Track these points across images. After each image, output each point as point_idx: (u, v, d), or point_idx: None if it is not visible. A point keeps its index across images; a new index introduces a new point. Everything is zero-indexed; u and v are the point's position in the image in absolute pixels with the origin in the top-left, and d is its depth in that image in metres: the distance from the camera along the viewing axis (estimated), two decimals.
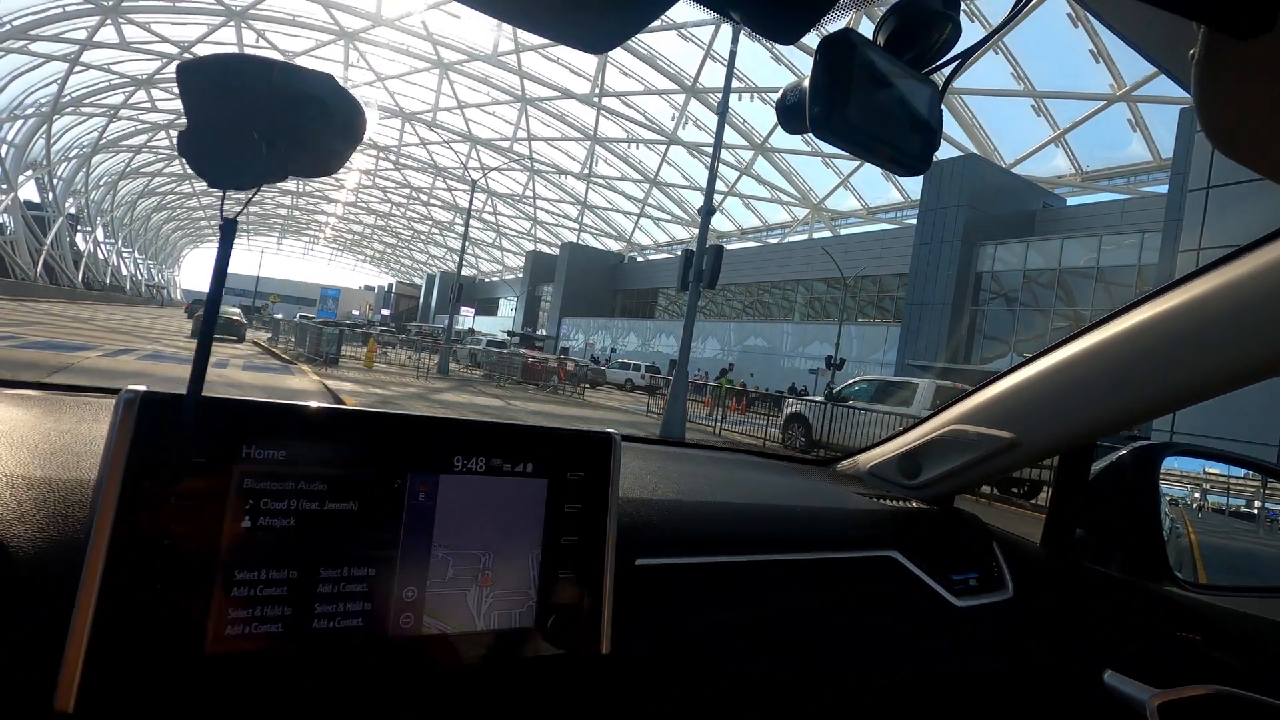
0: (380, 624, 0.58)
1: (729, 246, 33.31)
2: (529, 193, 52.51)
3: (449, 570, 0.61)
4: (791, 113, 0.56)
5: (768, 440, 14.26)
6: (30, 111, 39.03)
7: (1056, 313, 23.45)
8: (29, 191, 44.64)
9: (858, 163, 33.95)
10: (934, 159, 0.56)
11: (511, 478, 0.66)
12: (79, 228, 57.69)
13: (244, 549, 0.53)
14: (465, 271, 27.16)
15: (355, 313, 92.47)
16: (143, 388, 0.52)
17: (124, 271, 78.35)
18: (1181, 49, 0.46)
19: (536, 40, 33.08)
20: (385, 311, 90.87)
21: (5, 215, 41.21)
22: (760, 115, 34.86)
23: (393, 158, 51.90)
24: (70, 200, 52.06)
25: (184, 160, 0.52)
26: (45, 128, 40.80)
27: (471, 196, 25.85)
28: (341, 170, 0.55)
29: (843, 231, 38.15)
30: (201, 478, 0.52)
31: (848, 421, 12.15)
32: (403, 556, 0.59)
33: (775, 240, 42.70)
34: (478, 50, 34.87)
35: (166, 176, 60.87)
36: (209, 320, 0.55)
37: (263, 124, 0.51)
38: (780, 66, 30.35)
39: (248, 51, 0.66)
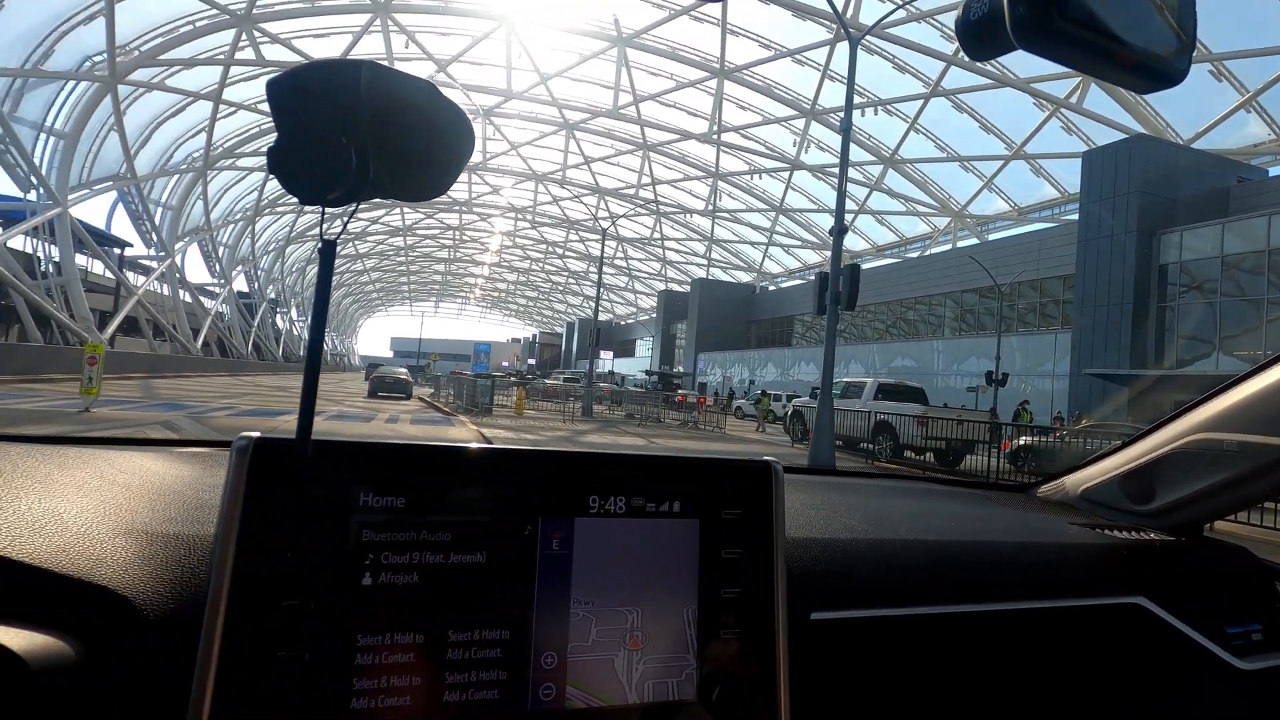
0: (518, 697, 0.51)
1: (865, 265, 31.94)
2: (657, 235, 53.84)
3: (592, 631, 0.54)
4: (979, 29, 0.42)
5: (927, 466, 13.26)
6: (238, 216, 46.21)
7: (1272, 300, 20.01)
8: (239, 282, 52.68)
9: (1001, 162, 31.57)
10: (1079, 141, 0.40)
11: (656, 519, 0.57)
12: (277, 309, 66.84)
13: (365, 610, 0.49)
14: (601, 316, 28.18)
15: (505, 364, 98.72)
16: (256, 433, 0.50)
17: None
18: None
19: (654, 88, 34.33)
20: (531, 361, 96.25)
21: (224, 305, 48.67)
22: (886, 127, 33.62)
23: (529, 217, 55.51)
24: (270, 286, 60.61)
25: (275, 175, 0.49)
26: (250, 228, 48.10)
27: (603, 245, 26.95)
28: (485, 233, 0.52)
29: (991, 237, 35.36)
30: (318, 529, 0.49)
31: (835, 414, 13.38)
32: (539, 616, 0.53)
33: (915, 254, 40.42)
34: (599, 107, 36.69)
35: (341, 258, 69.26)
36: (314, 353, 0.52)
37: (353, 133, 0.48)
38: (905, 75, 29.13)
39: None
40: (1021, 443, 12.84)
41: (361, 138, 0.48)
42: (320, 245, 0.51)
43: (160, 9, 25.21)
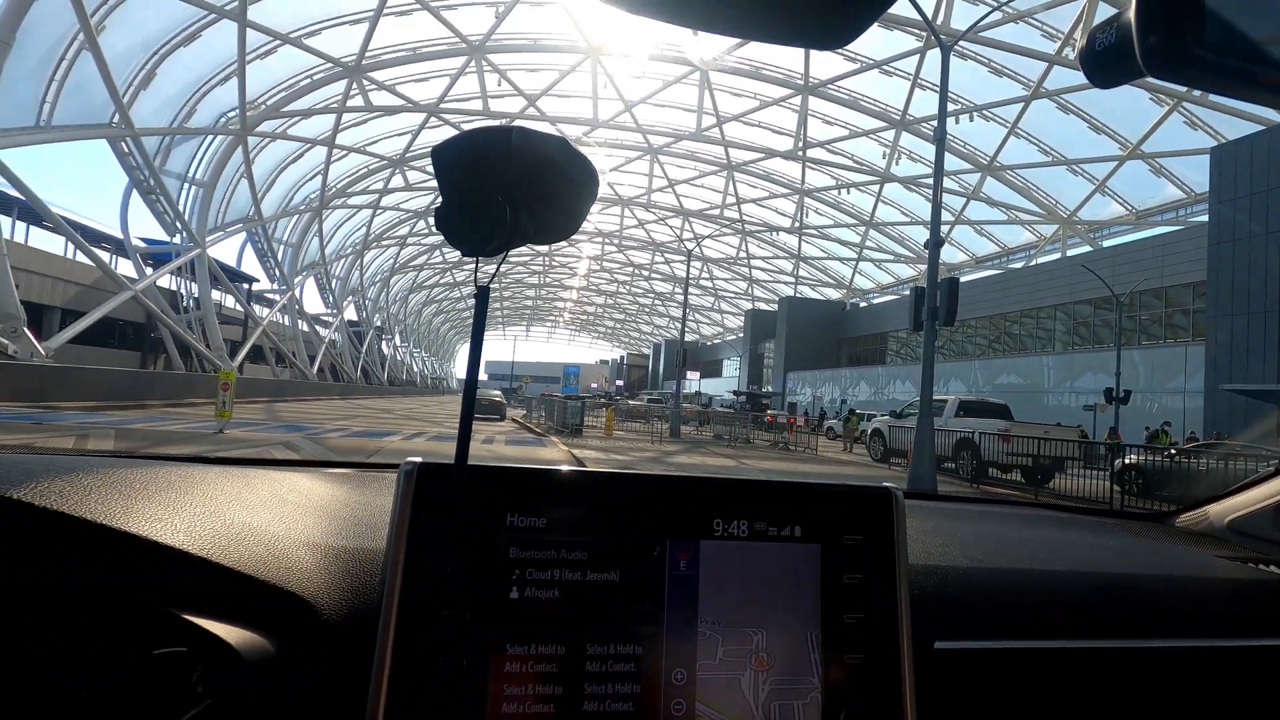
0: (651, 710, 0.53)
1: (964, 278, 30.47)
2: (742, 254, 53.53)
3: (719, 650, 0.56)
4: (1107, 59, 0.41)
5: (1040, 494, 12.36)
6: (348, 250, 49.78)
7: None
8: (349, 312, 56.53)
9: (1115, 163, 29.39)
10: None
11: (778, 543, 0.59)
12: (383, 336, 71.19)
13: (513, 621, 0.53)
14: (687, 337, 28.24)
15: (593, 385, 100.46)
16: (419, 459, 0.55)
17: (415, 368, 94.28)
18: None
19: (737, 109, 34.40)
20: (619, 382, 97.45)
21: (336, 333, 52.35)
22: (983, 133, 32.01)
23: (616, 241, 56.62)
24: (376, 315, 64.67)
25: (441, 233, 0.56)
26: (358, 261, 51.67)
27: (688, 266, 27.07)
28: (573, 258, 0.57)
29: (1106, 243, 32.82)
30: (471, 546, 0.53)
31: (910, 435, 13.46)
32: (668, 633, 0.55)
33: (1019, 264, 38.11)
34: (682, 130, 37.12)
35: (439, 285, 73.08)
36: (470, 387, 0.58)
37: (507, 190, 0.53)
38: (1002, 78, 27.78)
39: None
40: (1129, 461, 11.81)
41: (514, 195, 0.53)
42: (476, 291, 0.57)
43: (283, 66, 27.82)
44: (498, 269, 0.59)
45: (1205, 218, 23.79)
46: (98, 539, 0.57)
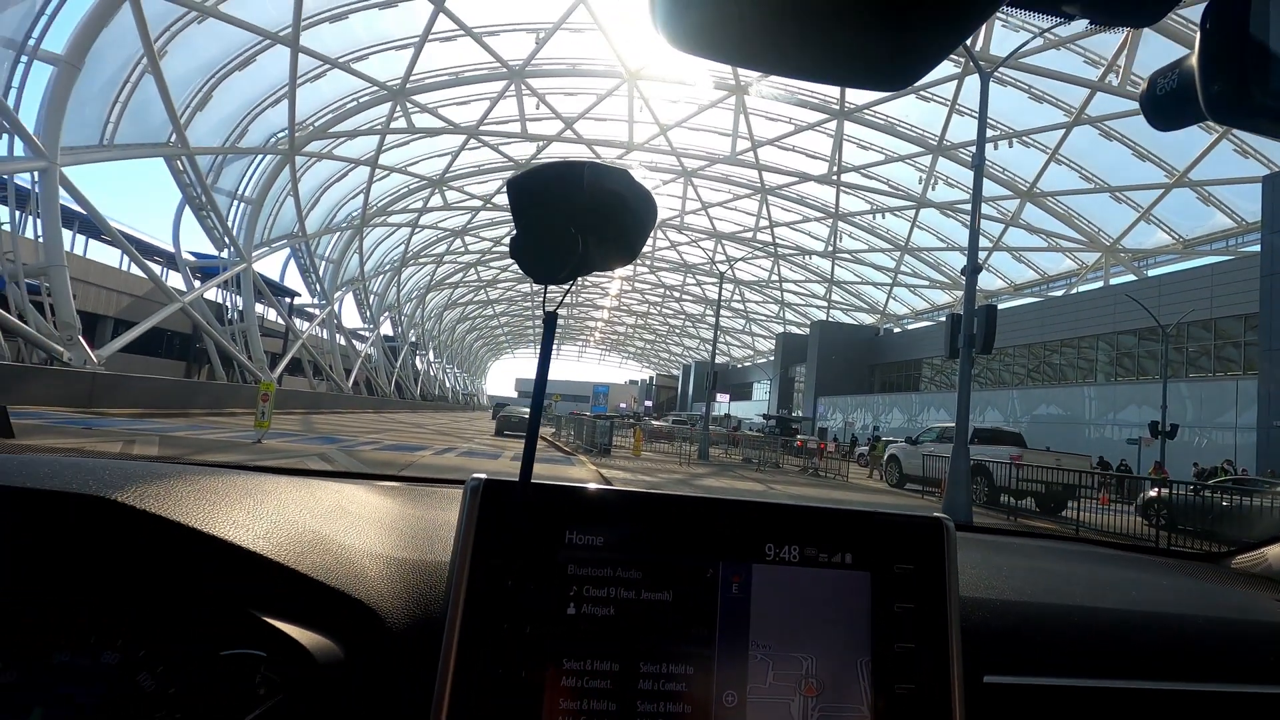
0: None
1: (1002, 306, 29.89)
2: (774, 277, 53.36)
3: (769, 674, 0.56)
4: (1168, 104, 0.40)
5: (1082, 530, 11.97)
6: (387, 267, 50.95)
7: None
8: (385, 327, 57.68)
9: (1161, 191, 28.67)
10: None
11: (829, 569, 0.59)
12: (417, 351, 72.40)
13: (570, 636, 0.54)
14: (718, 359, 28.15)
15: (622, 405, 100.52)
16: (485, 475, 0.57)
17: (447, 384, 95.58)
18: None
19: (772, 133, 34.54)
20: (648, 403, 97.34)
21: (372, 348, 53.42)
22: (1023, 160, 31.55)
23: (648, 262, 56.96)
24: (411, 331, 65.86)
25: (514, 261, 0.59)
26: (396, 278, 52.84)
27: (720, 288, 27.10)
28: (606, 278, 0.59)
29: (1151, 272, 31.93)
30: (532, 561, 0.54)
31: (929, 458, 15.62)
32: (720, 655, 0.55)
33: (1059, 293, 37.25)
34: (717, 154, 37.37)
35: (474, 304, 74.19)
36: (536, 409, 0.61)
37: (578, 222, 0.56)
38: (1042, 104, 27.42)
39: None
40: (1153, 495, 11.91)
41: (584, 226, 0.56)
42: (545, 317, 0.59)
43: (331, 89, 28.85)
44: (564, 296, 0.61)
45: (1257, 247, 23.01)
46: (184, 541, 0.59)
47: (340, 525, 0.73)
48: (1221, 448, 23.01)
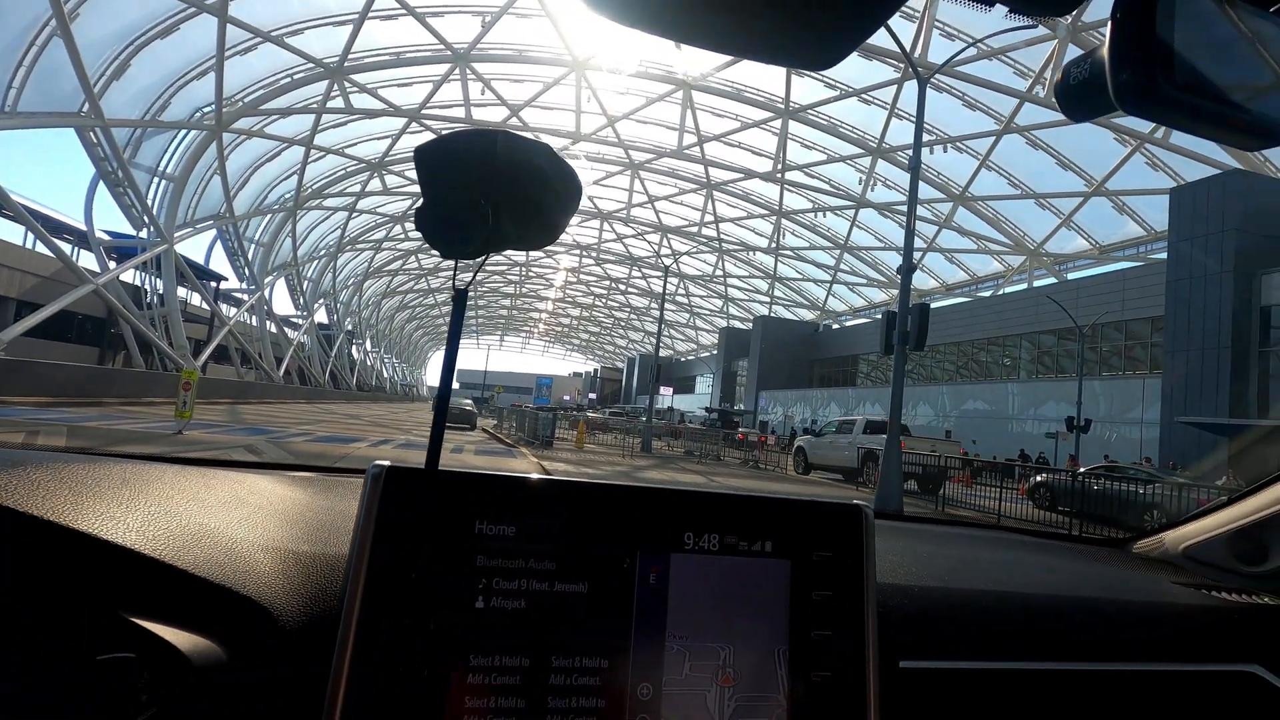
0: None
1: (935, 304, 31.02)
2: (719, 272, 53.98)
3: (685, 666, 0.55)
4: (1080, 93, 0.42)
5: (1004, 516, 12.59)
6: (322, 253, 49.06)
7: None
8: (320, 315, 55.59)
9: (1080, 199, 30.36)
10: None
11: (748, 558, 0.58)
12: (353, 340, 70.08)
13: (478, 631, 0.52)
14: (662, 352, 28.35)
15: (566, 398, 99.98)
16: (388, 462, 0.54)
17: (385, 374, 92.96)
18: None
19: (719, 129, 34.83)
20: (592, 395, 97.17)
21: (305, 336, 51.39)
22: (956, 165, 32.85)
23: (594, 254, 56.71)
24: (348, 319, 63.69)
25: (420, 233, 0.55)
26: (331, 264, 50.94)
27: (665, 281, 27.21)
28: (550, 269, 0.57)
29: (1070, 276, 33.81)
30: (438, 553, 0.52)
31: (830, 448, 18.58)
32: (636, 647, 0.54)
33: (988, 293, 39.04)
34: (664, 147, 37.45)
35: (414, 292, 72.32)
36: (443, 392, 0.58)
37: (489, 193, 0.53)
38: (975, 112, 28.59)
39: None
40: (1038, 480, 14.03)
41: (496, 199, 0.53)
42: (454, 294, 0.56)
43: (263, 64, 27.44)
44: (476, 273, 0.58)
45: (1164, 255, 24.67)
46: (44, 536, 0.55)
47: (234, 518, 0.67)
48: (1130, 442, 24.61)
